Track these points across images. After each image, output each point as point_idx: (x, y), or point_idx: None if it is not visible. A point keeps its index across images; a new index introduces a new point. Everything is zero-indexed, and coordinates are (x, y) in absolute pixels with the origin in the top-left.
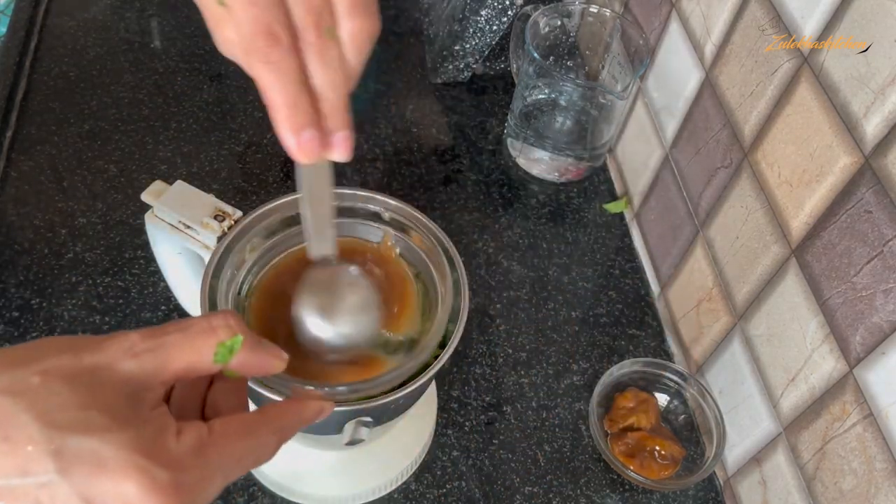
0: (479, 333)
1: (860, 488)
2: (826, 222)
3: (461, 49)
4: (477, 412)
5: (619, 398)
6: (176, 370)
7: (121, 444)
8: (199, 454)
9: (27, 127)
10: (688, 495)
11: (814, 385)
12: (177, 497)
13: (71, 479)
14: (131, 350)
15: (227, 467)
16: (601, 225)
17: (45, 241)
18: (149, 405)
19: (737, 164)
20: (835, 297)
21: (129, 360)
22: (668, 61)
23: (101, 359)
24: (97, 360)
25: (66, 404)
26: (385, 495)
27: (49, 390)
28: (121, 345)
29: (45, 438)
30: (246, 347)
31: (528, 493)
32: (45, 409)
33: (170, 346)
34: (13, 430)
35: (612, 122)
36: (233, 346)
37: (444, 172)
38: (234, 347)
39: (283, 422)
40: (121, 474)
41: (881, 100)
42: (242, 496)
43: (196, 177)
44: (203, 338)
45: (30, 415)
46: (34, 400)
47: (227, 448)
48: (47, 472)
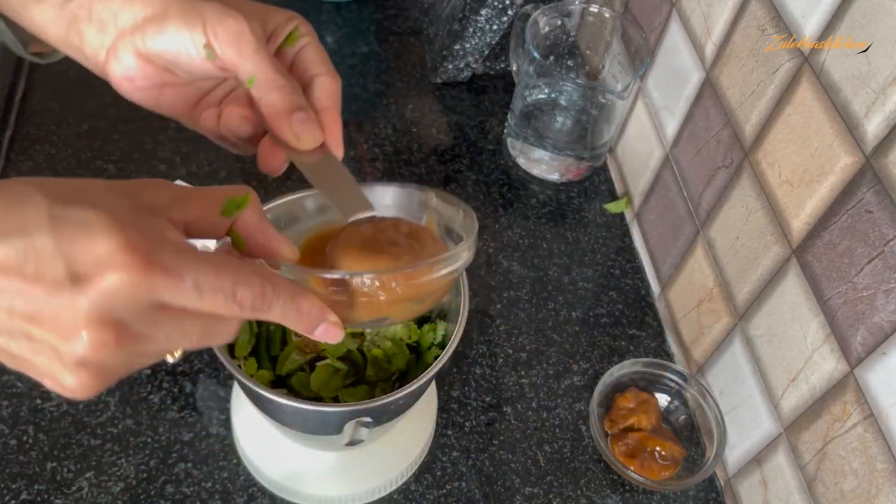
0: (479, 333)
1: (861, 489)
2: (827, 222)
3: (461, 49)
4: (477, 412)
5: (619, 398)
6: (188, 212)
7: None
8: (180, 249)
9: (26, 127)
10: (688, 496)
11: (814, 385)
12: (145, 264)
13: (56, 236)
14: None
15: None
16: (601, 225)
17: None
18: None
19: (737, 164)
20: (835, 298)
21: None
22: (669, 61)
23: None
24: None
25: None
26: (385, 495)
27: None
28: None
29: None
30: (253, 209)
31: (528, 493)
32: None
33: (189, 190)
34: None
35: (612, 122)
36: (241, 203)
37: (444, 172)
38: (241, 204)
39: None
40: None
41: (882, 99)
42: (242, 496)
43: (195, 177)
44: (218, 191)
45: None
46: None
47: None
48: (40, 229)
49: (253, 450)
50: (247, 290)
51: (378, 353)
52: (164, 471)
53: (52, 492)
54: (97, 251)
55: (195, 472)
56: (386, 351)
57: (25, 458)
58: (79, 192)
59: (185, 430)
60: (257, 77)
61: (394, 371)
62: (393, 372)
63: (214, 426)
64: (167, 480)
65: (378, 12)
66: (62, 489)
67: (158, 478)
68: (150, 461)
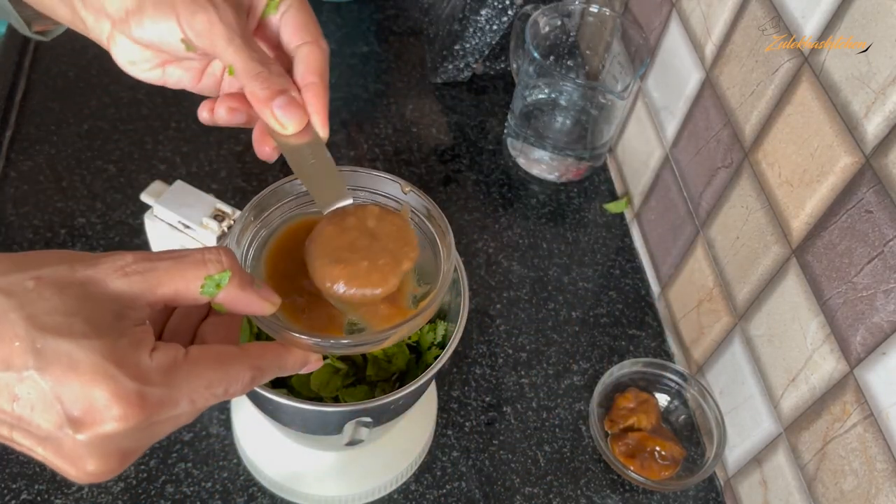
0: (479, 333)
1: (861, 489)
2: (827, 222)
3: (461, 49)
4: (477, 412)
5: (619, 398)
6: (163, 294)
7: (95, 350)
8: (168, 373)
9: (26, 127)
10: (688, 496)
11: (814, 385)
12: (140, 408)
13: (47, 376)
14: (123, 269)
15: (195, 391)
16: (601, 225)
17: (44, 241)
18: (132, 321)
19: (737, 164)
20: (835, 298)
21: (120, 278)
22: (669, 61)
23: (94, 273)
24: (90, 273)
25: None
26: (385, 495)
27: (40, 295)
28: (114, 262)
29: (30, 337)
30: (233, 284)
31: (528, 493)
32: (33, 311)
33: (160, 271)
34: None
35: (612, 122)
36: (220, 281)
37: (444, 172)
38: (221, 282)
39: (260, 361)
40: (90, 378)
41: (882, 99)
42: (242, 496)
43: (195, 177)
44: (193, 268)
45: (19, 314)
46: (25, 302)
47: (197, 372)
48: (27, 367)
49: (253, 450)
50: (238, 385)
51: (378, 353)
52: (165, 470)
53: (52, 492)
54: (91, 398)
55: (195, 471)
56: (386, 351)
57: (26, 457)
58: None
59: (185, 430)
60: (235, 67)
61: (394, 371)
62: (393, 372)
63: (214, 426)
64: (167, 480)
65: (378, 12)
66: (62, 489)
67: (159, 477)
68: (150, 461)
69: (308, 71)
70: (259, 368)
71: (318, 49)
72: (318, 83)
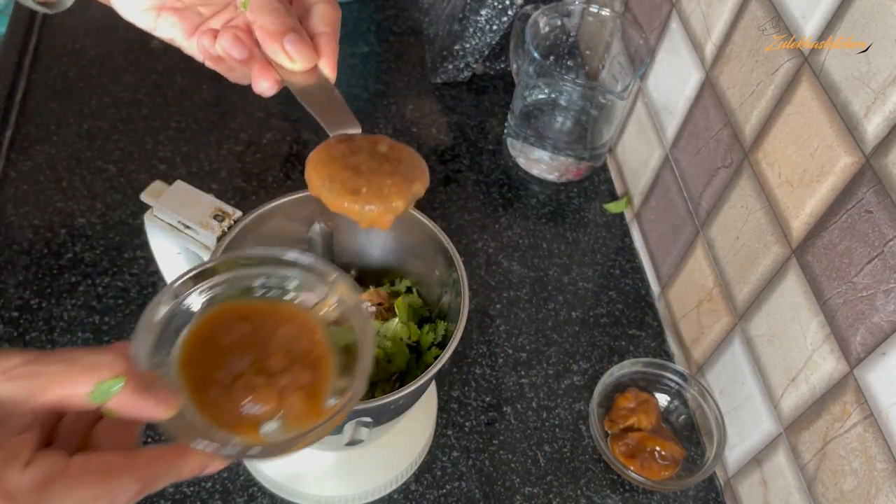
0: (479, 333)
1: (861, 489)
2: (826, 222)
3: (461, 49)
4: (477, 412)
5: (619, 398)
6: (48, 401)
7: None
8: (40, 489)
9: (26, 127)
10: (688, 496)
11: (814, 385)
12: None
13: None
14: (7, 372)
15: None
16: (601, 225)
17: (44, 241)
18: (12, 430)
19: (737, 164)
20: (835, 298)
21: (3, 383)
22: (669, 61)
23: None
24: None
25: None
26: (385, 495)
27: None
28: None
29: None
30: (127, 391)
31: (528, 493)
32: None
33: (47, 376)
34: None
35: (612, 122)
36: (111, 388)
37: (444, 172)
38: (111, 389)
39: (150, 471)
40: None
41: (882, 100)
42: (242, 496)
43: (195, 177)
44: (84, 374)
45: None
46: None
47: (77, 487)
48: None
49: None
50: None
51: (378, 353)
52: None
53: None
54: None
55: None
56: (386, 351)
57: None
58: None
59: None
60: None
61: (394, 371)
62: (393, 372)
63: None
64: None
65: (378, 12)
66: None
67: None
68: None
69: (321, 22)
70: (148, 479)
71: (332, 7)
72: (329, 33)
